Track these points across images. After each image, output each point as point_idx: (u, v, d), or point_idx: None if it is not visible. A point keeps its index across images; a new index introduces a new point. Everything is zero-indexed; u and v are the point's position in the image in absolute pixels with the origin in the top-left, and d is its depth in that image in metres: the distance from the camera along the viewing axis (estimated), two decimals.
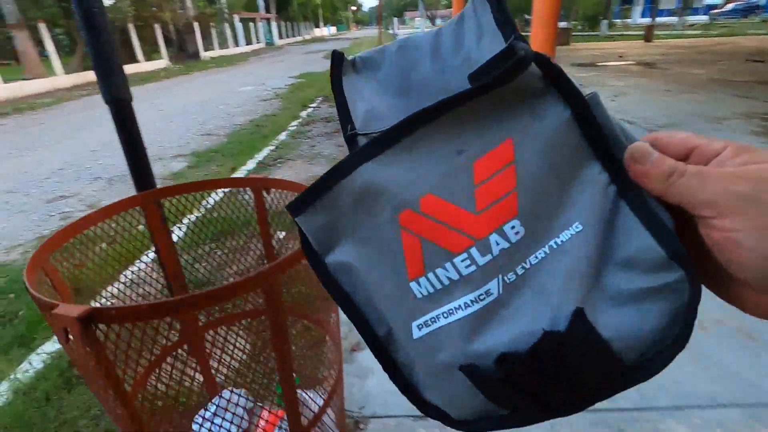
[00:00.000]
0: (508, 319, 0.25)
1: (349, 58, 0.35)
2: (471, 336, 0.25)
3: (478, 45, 0.31)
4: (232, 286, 0.61)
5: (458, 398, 0.27)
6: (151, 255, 1.25)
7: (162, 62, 17.29)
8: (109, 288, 1.16)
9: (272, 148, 4.78)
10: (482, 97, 0.24)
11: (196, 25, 19.71)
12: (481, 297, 0.25)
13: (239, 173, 4.01)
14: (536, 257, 0.25)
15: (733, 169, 0.22)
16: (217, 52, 21.65)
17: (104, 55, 1.21)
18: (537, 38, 6.56)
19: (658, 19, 22.08)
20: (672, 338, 0.24)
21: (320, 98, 7.48)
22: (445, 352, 0.26)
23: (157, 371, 0.98)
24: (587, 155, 0.26)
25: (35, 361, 1.72)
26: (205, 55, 20.32)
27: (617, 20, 29.22)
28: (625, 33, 20.91)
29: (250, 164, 4.26)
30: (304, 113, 6.42)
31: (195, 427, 1.06)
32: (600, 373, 0.25)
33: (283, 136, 5.26)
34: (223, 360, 1.37)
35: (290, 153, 4.55)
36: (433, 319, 0.26)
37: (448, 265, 0.25)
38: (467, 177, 0.25)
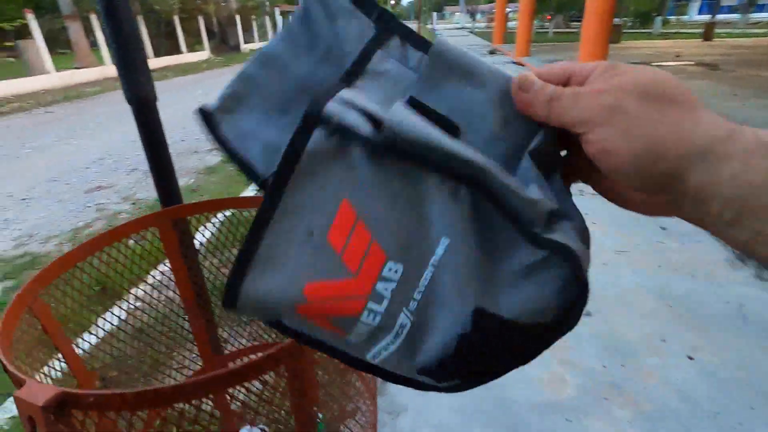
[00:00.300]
0: (430, 335, 0.28)
1: (212, 104, 0.32)
2: (411, 357, 0.29)
3: (334, 29, 0.30)
4: (244, 367, 0.46)
5: (436, 380, 0.30)
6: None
7: (204, 54, 17.68)
8: (135, 290, 1.06)
9: None
10: (294, 177, 0.26)
11: (237, 17, 20.04)
12: (399, 332, 0.28)
13: None
14: (425, 279, 0.27)
15: (599, 85, 0.24)
16: (256, 45, 21.95)
17: (127, 49, 1.09)
18: (589, 35, 6.17)
19: (718, 17, 20.58)
20: (574, 295, 0.25)
21: None
22: (402, 367, 0.30)
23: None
24: (418, 173, 0.26)
25: None
26: (245, 47, 20.65)
27: (671, 17, 27.51)
28: (680, 31, 19.65)
29: None
30: None
31: None
32: (523, 342, 0.27)
33: None
34: (241, 394, 1.24)
35: None
36: (378, 353, 0.30)
37: (358, 324, 0.28)
38: (329, 251, 0.27)
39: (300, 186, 0.26)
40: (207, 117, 0.32)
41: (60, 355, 0.68)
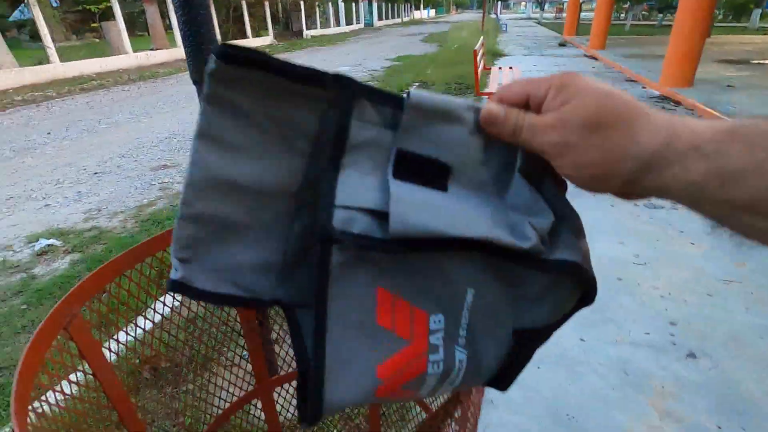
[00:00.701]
0: (485, 358, 0.33)
1: (174, 275, 0.31)
2: (477, 379, 0.35)
3: (269, 113, 0.28)
4: None
5: (502, 389, 0.37)
6: None
7: (268, 39, 18.08)
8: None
9: None
10: (330, 290, 0.29)
11: (302, 3, 20.29)
12: (460, 366, 0.33)
13: None
14: (465, 318, 0.32)
15: (550, 119, 0.27)
16: (318, 31, 22.17)
17: (196, 23, 0.98)
18: (682, 29, 5.51)
19: None
20: (586, 289, 0.30)
21: (417, 84, 7.12)
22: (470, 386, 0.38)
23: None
24: (432, 251, 0.29)
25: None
26: (307, 33, 20.90)
27: None
28: None
29: None
30: None
31: None
32: (556, 325, 0.33)
33: None
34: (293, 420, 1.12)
35: None
36: (445, 389, 0.35)
37: (427, 378, 0.32)
38: (384, 332, 0.31)
39: (337, 294, 0.29)
40: (179, 287, 0.31)
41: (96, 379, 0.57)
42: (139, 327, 0.73)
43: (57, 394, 0.49)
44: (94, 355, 0.55)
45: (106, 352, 0.59)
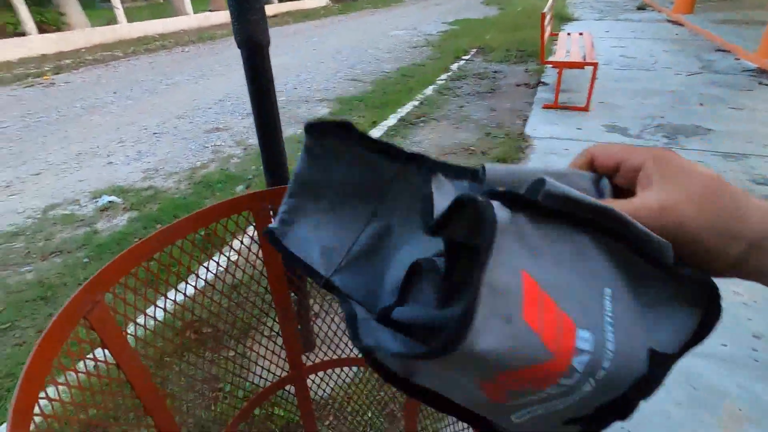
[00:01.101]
0: (610, 392, 0.26)
1: (271, 225, 0.40)
2: (578, 410, 0.26)
3: (341, 174, 0.38)
4: None
5: (592, 426, 0.29)
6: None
7: (323, 0, 17.77)
8: (238, 239, 0.94)
9: (416, 103, 4.37)
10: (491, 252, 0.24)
11: None
12: (576, 396, 0.25)
13: (379, 129, 3.73)
14: (610, 342, 0.24)
15: (654, 203, 0.26)
16: None
17: None
18: None
19: None
20: (704, 310, 0.27)
21: (475, 50, 6.71)
22: (548, 423, 0.27)
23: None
24: (574, 232, 0.26)
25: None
26: None
27: None
28: None
29: (392, 119, 3.94)
30: (455, 66, 5.80)
31: None
32: (674, 359, 0.27)
33: (429, 90, 4.79)
34: (328, 407, 1.09)
35: (436, 112, 4.09)
36: (528, 413, 0.27)
37: (537, 394, 0.25)
38: (530, 334, 0.22)
39: (487, 267, 0.22)
40: (272, 236, 0.39)
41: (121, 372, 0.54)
42: (185, 291, 0.70)
43: (74, 388, 0.46)
44: (116, 344, 0.51)
45: (131, 339, 0.55)
